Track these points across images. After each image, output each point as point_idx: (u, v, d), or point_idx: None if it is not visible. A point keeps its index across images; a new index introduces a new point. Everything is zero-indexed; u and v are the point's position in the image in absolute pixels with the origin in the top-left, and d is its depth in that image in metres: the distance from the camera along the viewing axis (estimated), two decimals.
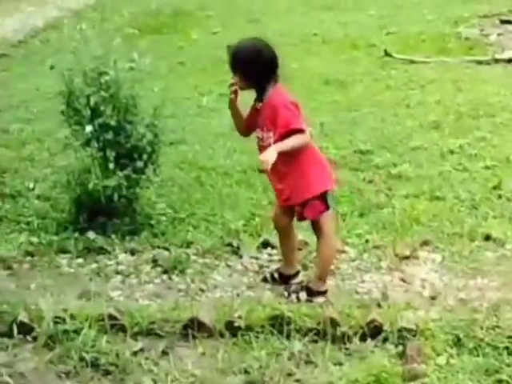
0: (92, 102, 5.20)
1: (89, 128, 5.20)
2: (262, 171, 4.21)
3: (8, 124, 7.77)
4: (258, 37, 4.55)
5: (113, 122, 5.21)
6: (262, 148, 4.30)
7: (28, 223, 5.41)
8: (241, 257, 4.91)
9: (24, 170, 6.51)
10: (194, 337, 3.91)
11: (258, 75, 4.29)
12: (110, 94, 5.25)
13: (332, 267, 4.58)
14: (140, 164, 5.34)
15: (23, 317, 3.99)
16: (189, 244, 5.07)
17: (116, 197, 5.18)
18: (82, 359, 3.70)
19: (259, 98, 4.36)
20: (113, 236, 5.13)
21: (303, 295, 4.36)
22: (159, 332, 3.95)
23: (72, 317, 3.98)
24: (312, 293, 4.36)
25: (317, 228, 4.39)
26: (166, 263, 4.78)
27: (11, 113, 8.26)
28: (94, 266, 4.82)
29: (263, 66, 4.27)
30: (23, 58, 10.87)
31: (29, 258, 4.90)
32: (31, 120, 7.98)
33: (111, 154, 5.29)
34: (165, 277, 4.68)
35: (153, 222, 5.37)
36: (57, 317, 3.97)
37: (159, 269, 4.76)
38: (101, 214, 5.28)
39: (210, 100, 8.43)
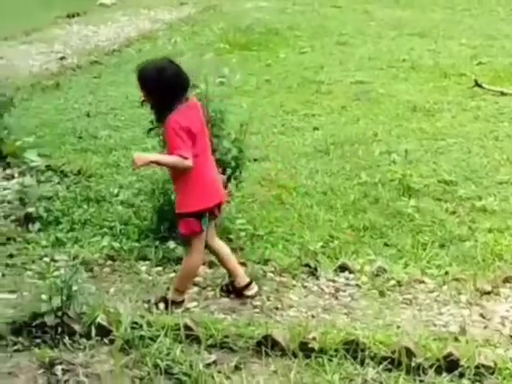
0: None
1: None
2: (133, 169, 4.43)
3: (97, 130, 7.97)
4: (168, 57, 4.60)
5: None
6: None
7: (111, 228, 5.53)
8: (317, 278, 4.89)
9: (109, 175, 6.67)
10: (267, 354, 3.91)
11: (160, 94, 4.30)
12: None
13: (190, 282, 4.62)
14: (224, 178, 5.39)
15: (102, 319, 4.07)
16: (266, 261, 5.08)
17: None
18: (156, 366, 3.76)
19: (159, 119, 4.41)
20: None
21: (161, 305, 4.42)
22: (233, 346, 3.98)
23: (149, 324, 4.05)
24: (168, 302, 4.40)
25: (187, 244, 4.50)
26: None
27: (100, 119, 8.47)
28: (172, 275, 4.88)
29: (165, 85, 4.28)
30: (115, 67, 11.13)
31: (110, 262, 5.01)
32: (119, 127, 8.16)
33: None
34: None
35: (232, 236, 5.41)
36: (134, 322, 4.04)
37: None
38: None
39: (295, 119, 8.47)
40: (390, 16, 15.37)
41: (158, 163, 4.42)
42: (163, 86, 4.27)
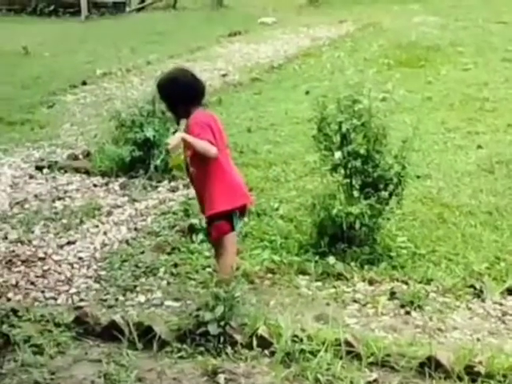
0: (343, 129, 5.29)
1: (338, 154, 5.28)
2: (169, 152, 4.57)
3: (257, 145, 8.09)
4: (182, 66, 4.83)
5: (362, 151, 5.25)
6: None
7: (271, 241, 5.57)
8: (483, 300, 4.71)
9: (270, 190, 6.73)
10: (430, 376, 3.80)
11: (175, 102, 4.55)
12: (361, 122, 5.30)
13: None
14: (385, 194, 5.34)
15: (263, 331, 4.11)
16: (428, 281, 4.96)
17: (358, 225, 5.20)
18: (316, 381, 3.75)
19: (177, 123, 4.67)
20: (352, 263, 5.15)
21: None
22: (394, 366, 3.89)
23: (309, 338, 4.05)
24: None
25: (219, 246, 4.59)
26: (404, 297, 4.70)
27: (260, 134, 8.59)
28: (332, 291, 4.85)
29: (179, 93, 4.52)
30: (275, 83, 11.28)
31: (270, 275, 5.05)
32: (279, 143, 8.24)
33: (357, 182, 5.35)
34: (402, 311, 4.60)
35: (392, 254, 5.32)
36: (295, 335, 4.05)
37: (396, 302, 4.70)
38: (341, 240, 5.31)
39: (458, 137, 8.24)
40: None
41: (188, 143, 4.39)
42: (177, 93, 4.55)
